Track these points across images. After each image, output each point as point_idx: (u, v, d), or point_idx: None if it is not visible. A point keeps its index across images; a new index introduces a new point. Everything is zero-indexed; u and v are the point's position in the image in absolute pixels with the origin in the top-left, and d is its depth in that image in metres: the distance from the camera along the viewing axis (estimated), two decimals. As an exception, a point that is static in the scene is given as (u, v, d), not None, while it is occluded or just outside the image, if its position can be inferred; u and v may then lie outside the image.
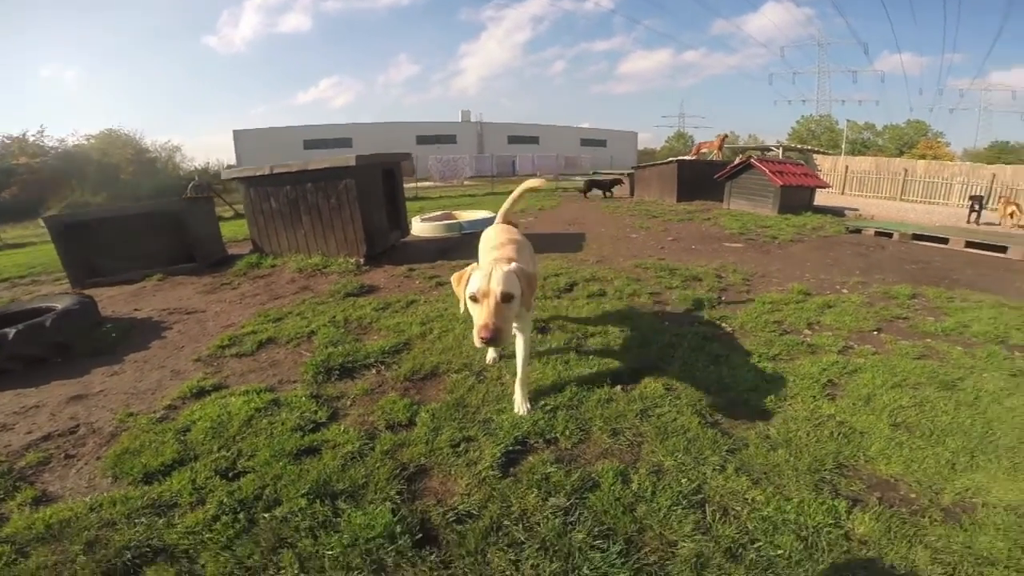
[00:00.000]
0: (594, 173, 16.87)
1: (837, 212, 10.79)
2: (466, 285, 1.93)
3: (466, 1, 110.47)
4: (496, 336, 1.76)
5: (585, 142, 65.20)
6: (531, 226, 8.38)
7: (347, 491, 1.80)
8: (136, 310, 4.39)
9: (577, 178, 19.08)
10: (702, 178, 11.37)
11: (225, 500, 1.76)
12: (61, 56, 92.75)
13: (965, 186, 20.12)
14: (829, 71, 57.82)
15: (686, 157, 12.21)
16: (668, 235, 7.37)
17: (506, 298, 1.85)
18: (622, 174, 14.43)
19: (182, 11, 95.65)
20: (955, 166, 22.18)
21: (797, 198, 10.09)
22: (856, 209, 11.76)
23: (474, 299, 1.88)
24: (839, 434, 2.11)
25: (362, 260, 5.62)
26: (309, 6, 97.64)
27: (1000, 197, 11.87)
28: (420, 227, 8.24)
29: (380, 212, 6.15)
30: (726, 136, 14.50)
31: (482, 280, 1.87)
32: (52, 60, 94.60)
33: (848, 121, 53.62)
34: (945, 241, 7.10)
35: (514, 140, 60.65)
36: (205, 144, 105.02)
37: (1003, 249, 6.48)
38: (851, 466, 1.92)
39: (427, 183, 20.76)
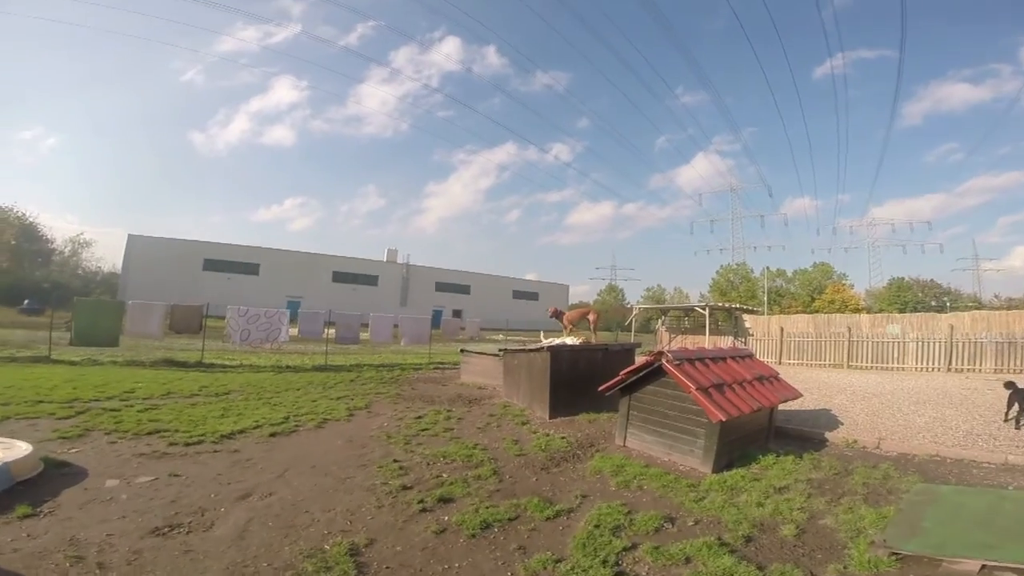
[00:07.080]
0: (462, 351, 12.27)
1: (816, 439, 6.26)
2: None
3: (443, 142, 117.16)
4: None
5: (517, 294, 62.76)
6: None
7: None
8: None
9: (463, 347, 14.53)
10: (592, 375, 6.86)
11: None
12: (45, 121, 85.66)
13: (919, 344, 17.30)
14: (741, 216, 62.03)
15: (567, 340, 7.64)
16: None
17: None
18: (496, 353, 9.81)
19: (183, 97, 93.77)
20: (903, 318, 19.60)
21: (749, 428, 5.51)
22: (835, 420, 7.35)
23: None
24: None
25: None
26: (298, 122, 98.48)
27: None
28: None
29: None
30: (589, 310, 10.51)
31: None
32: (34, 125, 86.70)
33: (766, 269, 55.13)
34: None
35: (443, 288, 56.93)
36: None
37: None
38: None
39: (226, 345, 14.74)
